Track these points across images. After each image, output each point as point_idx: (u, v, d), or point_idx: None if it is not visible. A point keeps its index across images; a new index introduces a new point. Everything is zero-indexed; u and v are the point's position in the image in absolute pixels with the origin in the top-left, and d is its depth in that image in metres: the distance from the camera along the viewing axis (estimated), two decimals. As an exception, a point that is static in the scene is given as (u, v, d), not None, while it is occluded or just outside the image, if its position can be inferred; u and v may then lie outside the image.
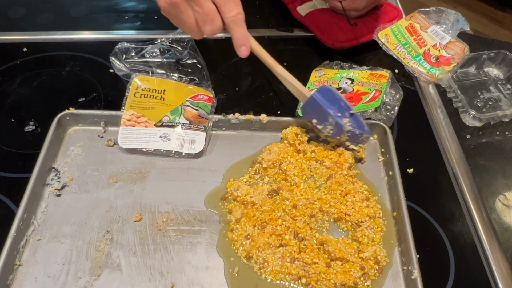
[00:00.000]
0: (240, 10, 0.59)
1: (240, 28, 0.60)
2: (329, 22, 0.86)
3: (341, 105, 0.64)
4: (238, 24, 0.60)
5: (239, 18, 0.59)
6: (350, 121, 0.64)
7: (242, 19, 0.60)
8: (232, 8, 0.59)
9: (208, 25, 0.60)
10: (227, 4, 0.58)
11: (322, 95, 0.65)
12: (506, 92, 0.79)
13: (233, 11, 0.59)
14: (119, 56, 0.76)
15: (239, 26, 0.60)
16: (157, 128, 0.68)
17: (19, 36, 0.88)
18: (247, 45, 0.62)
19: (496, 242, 0.60)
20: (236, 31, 0.60)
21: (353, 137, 0.65)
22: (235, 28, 0.60)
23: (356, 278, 0.55)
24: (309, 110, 0.67)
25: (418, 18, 0.87)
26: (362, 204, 0.61)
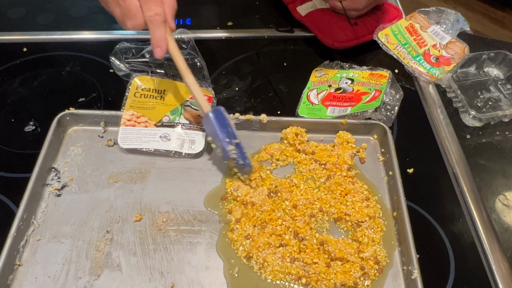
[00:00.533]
0: (159, 10, 0.59)
1: (157, 29, 0.60)
2: (329, 22, 0.86)
3: (229, 131, 0.62)
4: (155, 24, 0.59)
5: (157, 18, 0.59)
6: (235, 149, 0.62)
7: (159, 19, 0.59)
8: (151, 8, 0.58)
9: (129, 21, 0.60)
10: (147, 3, 0.58)
11: (216, 116, 0.63)
12: (506, 92, 0.79)
13: (152, 10, 0.58)
14: (119, 56, 0.76)
15: (156, 26, 0.59)
16: (157, 128, 0.68)
17: (19, 36, 0.88)
18: (163, 47, 0.61)
19: (496, 242, 0.60)
20: (153, 31, 0.60)
21: (238, 166, 0.63)
22: (152, 28, 0.60)
23: (356, 278, 0.55)
24: (206, 126, 0.65)
25: (418, 18, 0.87)
26: (362, 204, 0.61)
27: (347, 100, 0.73)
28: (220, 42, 0.89)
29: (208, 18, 0.94)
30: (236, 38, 0.89)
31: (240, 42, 0.88)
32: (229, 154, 0.62)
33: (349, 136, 0.69)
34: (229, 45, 0.88)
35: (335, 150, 0.68)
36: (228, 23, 0.92)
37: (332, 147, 0.69)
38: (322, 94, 0.75)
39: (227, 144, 0.61)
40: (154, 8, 0.58)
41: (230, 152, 0.61)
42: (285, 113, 0.73)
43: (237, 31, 0.90)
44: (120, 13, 0.60)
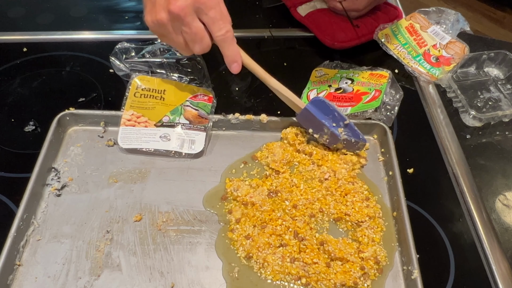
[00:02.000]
0: (229, 27, 0.58)
1: (230, 46, 0.60)
2: (329, 22, 0.86)
3: (335, 115, 0.65)
4: (227, 42, 0.59)
5: (229, 36, 0.59)
6: (345, 130, 0.65)
7: (231, 36, 0.59)
8: (221, 27, 0.58)
9: (197, 44, 0.59)
10: (216, 23, 0.57)
11: (316, 107, 0.65)
12: (506, 92, 0.79)
13: (222, 29, 0.58)
14: (119, 56, 0.76)
15: (229, 43, 0.59)
16: (157, 128, 0.68)
17: (19, 36, 0.88)
18: (239, 62, 0.61)
19: (496, 242, 0.60)
20: (226, 49, 0.60)
21: (350, 145, 0.66)
22: (225, 46, 0.60)
23: (356, 278, 0.55)
24: (304, 120, 0.67)
25: (418, 18, 0.87)
26: (362, 204, 0.61)
27: (347, 100, 0.73)
28: (220, 42, 0.88)
29: (208, 18, 0.94)
30: (236, 38, 0.89)
31: (240, 42, 0.88)
32: (340, 136, 0.64)
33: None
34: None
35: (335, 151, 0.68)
36: (228, 23, 0.92)
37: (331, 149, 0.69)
38: (322, 94, 0.75)
39: (336, 128, 0.64)
40: (223, 26, 0.58)
41: (341, 135, 0.64)
42: (285, 113, 0.73)
43: (237, 31, 0.89)
44: (184, 41, 0.59)
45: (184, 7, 0.55)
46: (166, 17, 0.56)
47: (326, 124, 0.64)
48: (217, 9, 0.56)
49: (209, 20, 0.57)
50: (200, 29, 0.57)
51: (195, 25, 0.57)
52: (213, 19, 0.57)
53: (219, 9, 0.57)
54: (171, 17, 0.56)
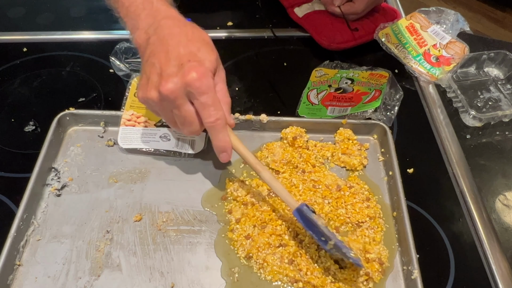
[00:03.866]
0: (219, 115, 0.54)
1: (219, 134, 0.56)
2: (326, 23, 0.86)
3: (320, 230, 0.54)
4: (217, 129, 0.55)
5: (218, 123, 0.54)
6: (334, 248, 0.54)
7: (221, 124, 0.55)
8: (211, 114, 0.54)
9: (186, 128, 0.56)
10: (206, 109, 0.53)
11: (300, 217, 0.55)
12: (506, 92, 0.79)
13: (212, 116, 0.54)
14: (119, 56, 0.76)
15: (218, 131, 0.55)
16: (157, 128, 0.68)
17: (19, 36, 0.88)
18: (228, 152, 0.57)
19: (496, 242, 0.60)
20: (215, 136, 0.56)
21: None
22: (213, 134, 0.56)
23: (359, 283, 0.54)
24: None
25: (419, 17, 0.87)
26: (363, 204, 0.61)
27: (347, 100, 0.73)
28: (220, 42, 0.88)
29: (208, 18, 0.94)
30: (236, 38, 0.89)
31: (240, 42, 0.88)
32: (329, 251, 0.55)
33: (350, 133, 0.69)
34: (229, 45, 0.88)
35: (336, 149, 0.68)
36: (228, 23, 0.92)
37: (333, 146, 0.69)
38: (322, 94, 0.75)
39: (324, 243, 0.54)
40: (213, 113, 0.54)
41: (331, 251, 0.54)
42: (285, 113, 0.73)
43: (237, 31, 0.90)
44: (174, 121, 0.57)
45: (174, 90, 0.52)
46: (156, 97, 0.54)
47: (314, 236, 0.55)
48: (209, 94, 0.53)
49: (199, 105, 0.53)
50: (190, 113, 0.54)
51: (185, 109, 0.54)
52: (204, 105, 0.53)
53: (212, 95, 0.53)
54: (161, 98, 0.53)
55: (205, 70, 0.53)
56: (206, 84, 0.52)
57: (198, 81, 0.52)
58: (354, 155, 0.67)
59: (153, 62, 0.54)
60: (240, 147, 0.58)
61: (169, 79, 0.52)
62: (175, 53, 0.53)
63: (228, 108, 0.57)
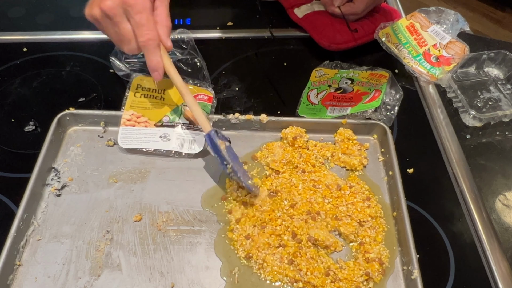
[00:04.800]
0: (151, 35, 0.57)
1: (151, 54, 0.59)
2: (326, 24, 0.86)
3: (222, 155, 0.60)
4: (149, 50, 0.58)
5: (150, 44, 0.58)
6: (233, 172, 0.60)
7: (153, 44, 0.58)
8: (143, 33, 0.57)
9: (125, 45, 0.59)
10: (140, 28, 0.57)
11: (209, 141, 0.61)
12: (506, 92, 0.79)
13: (144, 36, 0.57)
14: (119, 56, 0.76)
15: (150, 52, 0.59)
16: (157, 128, 0.68)
17: (19, 36, 0.88)
18: (159, 71, 0.60)
19: (496, 242, 0.60)
20: (147, 56, 0.59)
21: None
22: (146, 54, 0.59)
23: (359, 283, 0.54)
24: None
25: (419, 17, 0.87)
26: (364, 204, 0.61)
27: (347, 100, 0.73)
28: (220, 42, 0.88)
29: (208, 18, 0.94)
30: (236, 38, 0.89)
31: (240, 42, 0.88)
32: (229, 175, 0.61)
33: (350, 133, 0.69)
34: (229, 45, 0.88)
35: (336, 149, 0.68)
36: (228, 23, 0.92)
37: (333, 146, 0.69)
38: (322, 94, 0.75)
39: (225, 167, 0.61)
40: (146, 33, 0.57)
41: (230, 175, 0.61)
42: (285, 113, 0.73)
43: (237, 31, 0.90)
44: (115, 38, 0.60)
45: (112, 7, 0.56)
46: (98, 14, 0.58)
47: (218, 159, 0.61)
48: (143, 14, 0.56)
49: (134, 23, 0.57)
50: (127, 30, 0.58)
51: (123, 26, 0.57)
52: (138, 24, 0.57)
53: (146, 15, 0.56)
54: (102, 15, 0.57)
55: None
56: (141, 4, 0.56)
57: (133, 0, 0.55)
58: (354, 155, 0.67)
59: None
60: (170, 69, 0.61)
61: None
62: None
63: (166, 31, 0.60)
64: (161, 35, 0.59)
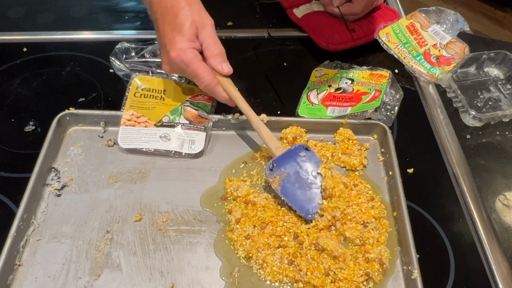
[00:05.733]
0: (206, 81, 0.63)
1: (214, 95, 0.66)
2: (325, 24, 0.86)
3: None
4: (211, 91, 0.65)
5: (208, 88, 0.64)
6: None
7: (211, 87, 0.64)
8: (199, 82, 0.64)
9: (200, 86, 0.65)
10: (195, 79, 0.64)
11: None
12: (506, 92, 0.79)
13: (201, 84, 0.64)
14: (119, 56, 0.76)
15: (213, 93, 0.65)
16: (157, 128, 0.68)
17: (19, 36, 0.88)
18: (229, 102, 0.66)
19: (496, 242, 0.60)
20: (213, 95, 0.66)
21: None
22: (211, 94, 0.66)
23: (359, 282, 0.54)
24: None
25: (419, 17, 0.87)
26: (368, 204, 0.61)
27: (347, 100, 0.73)
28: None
29: (208, 18, 0.93)
30: (236, 38, 0.89)
31: (240, 42, 0.88)
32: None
33: (350, 133, 0.69)
34: (229, 45, 0.87)
35: (336, 149, 0.68)
36: (228, 23, 0.92)
37: (333, 146, 0.69)
38: (322, 94, 0.75)
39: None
40: (201, 82, 0.63)
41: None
42: (285, 113, 0.73)
43: (237, 31, 0.90)
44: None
45: (170, 69, 0.66)
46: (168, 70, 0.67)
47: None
48: (190, 67, 0.62)
49: (190, 76, 0.65)
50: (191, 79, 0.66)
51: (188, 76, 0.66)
52: (192, 77, 0.64)
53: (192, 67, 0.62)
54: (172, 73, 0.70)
55: (180, 47, 0.62)
56: (184, 59, 0.62)
57: (176, 59, 0.62)
58: (354, 155, 0.67)
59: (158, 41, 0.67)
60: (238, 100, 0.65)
61: (164, 60, 0.65)
62: (162, 32, 0.64)
63: (219, 60, 0.65)
64: (214, 66, 0.64)
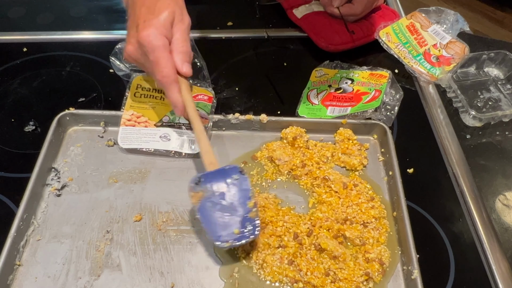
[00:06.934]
0: (166, 72, 0.58)
1: (168, 91, 0.60)
2: (324, 24, 0.86)
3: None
4: (165, 86, 0.60)
5: (165, 81, 0.59)
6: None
7: (168, 81, 0.59)
8: (158, 71, 0.59)
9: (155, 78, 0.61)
10: (155, 67, 0.59)
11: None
12: (506, 92, 0.79)
13: (158, 74, 0.59)
14: (119, 56, 0.76)
15: (167, 88, 0.60)
16: (157, 128, 0.68)
17: (19, 36, 0.88)
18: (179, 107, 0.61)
19: (496, 242, 0.60)
20: (165, 93, 0.61)
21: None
22: (164, 91, 0.61)
23: (359, 282, 0.54)
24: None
25: (419, 17, 0.87)
26: (368, 204, 0.61)
27: (347, 100, 0.73)
28: (220, 42, 0.88)
29: (208, 18, 0.94)
30: (236, 38, 0.89)
31: (240, 42, 0.88)
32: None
33: (350, 133, 0.69)
34: (229, 45, 0.88)
35: (336, 149, 0.68)
36: (228, 23, 0.92)
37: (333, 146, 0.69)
38: (322, 94, 0.75)
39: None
40: (160, 70, 0.59)
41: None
42: (285, 113, 0.73)
43: (237, 31, 0.90)
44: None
45: (133, 50, 0.60)
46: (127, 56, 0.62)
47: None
48: (155, 53, 0.58)
49: (151, 63, 0.59)
50: (149, 70, 0.61)
51: (145, 66, 0.62)
52: (152, 63, 0.59)
53: (158, 54, 0.58)
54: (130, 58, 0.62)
55: (153, 29, 0.57)
56: (153, 43, 0.57)
57: (145, 40, 0.57)
58: (354, 155, 0.67)
59: (127, 25, 0.62)
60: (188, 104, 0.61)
61: (130, 41, 0.60)
62: (137, 13, 0.60)
63: (182, 57, 0.60)
64: (177, 62, 0.60)
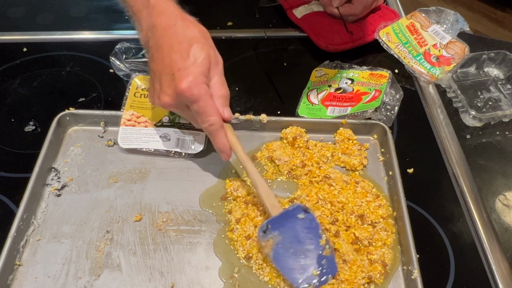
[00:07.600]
0: (212, 121, 0.57)
1: (215, 137, 0.59)
2: (324, 25, 0.86)
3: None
4: (212, 133, 0.59)
5: (212, 128, 0.58)
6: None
7: (215, 128, 0.58)
8: (204, 120, 0.58)
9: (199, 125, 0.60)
10: (199, 116, 0.58)
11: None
12: (506, 92, 0.79)
13: (204, 123, 0.58)
14: (119, 56, 0.76)
15: (214, 135, 0.59)
16: (157, 128, 0.68)
17: (19, 36, 0.88)
18: (227, 152, 0.60)
19: (496, 242, 0.60)
20: (212, 139, 0.60)
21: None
22: (210, 137, 0.60)
23: (360, 285, 0.54)
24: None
25: (419, 17, 0.87)
26: (375, 203, 0.61)
27: (347, 100, 0.73)
28: (220, 42, 0.88)
29: (208, 18, 0.93)
30: (236, 38, 0.89)
31: (240, 42, 0.88)
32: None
33: (350, 133, 0.69)
34: (229, 45, 0.88)
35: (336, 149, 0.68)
36: (228, 23, 0.92)
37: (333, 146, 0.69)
38: (322, 94, 0.75)
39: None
40: (206, 119, 0.58)
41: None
42: (285, 113, 0.73)
43: (237, 31, 0.90)
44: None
45: (170, 102, 0.58)
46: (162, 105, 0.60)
47: None
48: (199, 102, 0.56)
49: (194, 112, 0.58)
50: (191, 117, 0.60)
51: (186, 114, 0.61)
52: (196, 112, 0.58)
53: (202, 103, 0.56)
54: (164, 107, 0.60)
55: (193, 78, 0.56)
56: (196, 93, 0.56)
57: (187, 92, 0.55)
58: (354, 155, 0.67)
59: (153, 69, 0.59)
60: (237, 148, 0.60)
61: (165, 91, 0.58)
62: (168, 60, 0.57)
63: (222, 102, 0.60)
64: (219, 107, 0.59)
